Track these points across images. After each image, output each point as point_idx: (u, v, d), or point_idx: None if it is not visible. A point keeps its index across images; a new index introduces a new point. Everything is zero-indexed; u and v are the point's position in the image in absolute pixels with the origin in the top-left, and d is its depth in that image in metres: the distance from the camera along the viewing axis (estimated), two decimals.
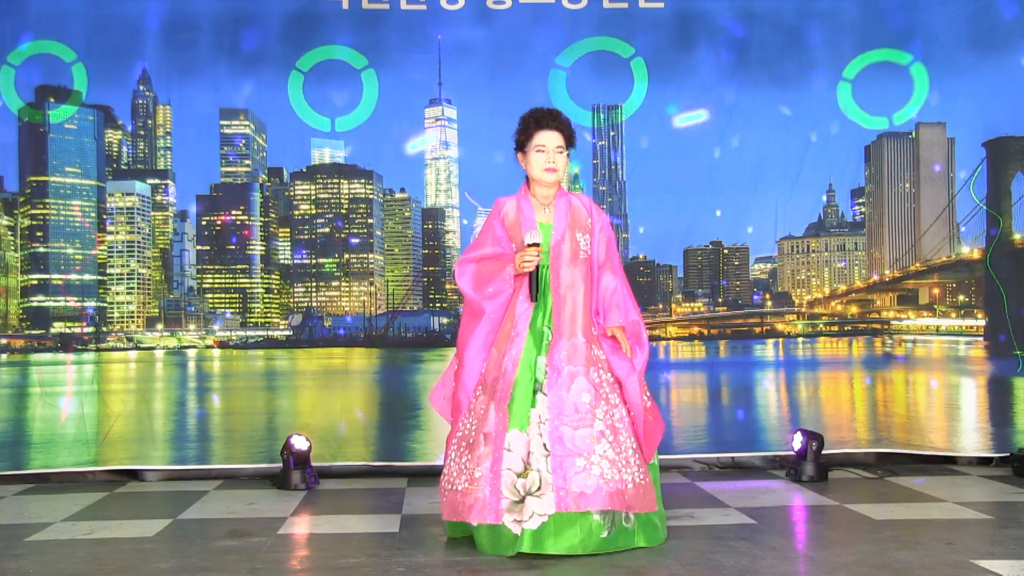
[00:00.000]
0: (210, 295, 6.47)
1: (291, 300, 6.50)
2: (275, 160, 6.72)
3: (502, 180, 5.89)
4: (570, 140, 3.77)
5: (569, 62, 5.80)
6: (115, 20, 5.70)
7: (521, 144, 3.78)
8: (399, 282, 6.68)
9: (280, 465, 5.20)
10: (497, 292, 3.70)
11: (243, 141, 6.48)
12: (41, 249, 6.15)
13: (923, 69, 5.84)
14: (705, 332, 6.63)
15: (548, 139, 3.72)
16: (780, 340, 6.47)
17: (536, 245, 3.63)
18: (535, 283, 3.66)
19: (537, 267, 3.66)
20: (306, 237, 6.61)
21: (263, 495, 4.96)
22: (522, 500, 3.48)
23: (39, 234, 6.17)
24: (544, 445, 3.51)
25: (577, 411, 3.54)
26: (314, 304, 6.44)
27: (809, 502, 4.67)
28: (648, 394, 3.76)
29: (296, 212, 6.63)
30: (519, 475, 3.50)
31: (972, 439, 5.91)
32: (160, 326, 6.42)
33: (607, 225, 3.85)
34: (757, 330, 6.55)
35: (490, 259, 3.74)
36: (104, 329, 6.23)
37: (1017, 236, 6.18)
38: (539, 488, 3.47)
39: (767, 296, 6.71)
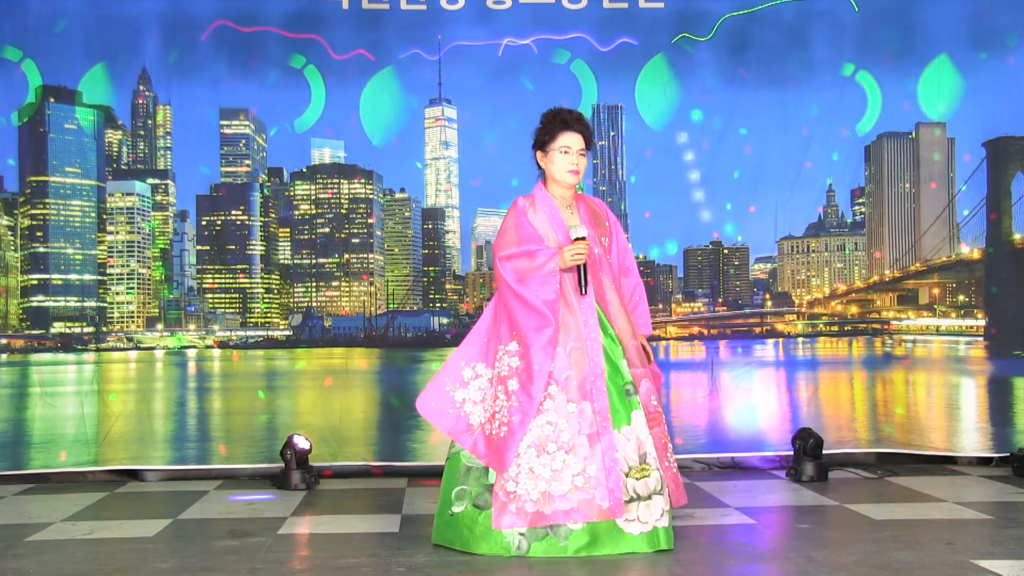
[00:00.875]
0: (210, 295, 6.47)
1: (291, 300, 6.50)
2: (275, 160, 6.72)
3: (502, 180, 5.92)
4: (590, 143, 3.78)
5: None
6: (115, 20, 5.70)
7: (543, 144, 3.74)
8: (399, 282, 6.68)
9: (280, 465, 5.19)
10: (550, 290, 3.60)
11: (243, 141, 6.48)
12: (41, 249, 6.15)
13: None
14: (705, 332, 6.63)
15: (573, 141, 3.71)
16: (780, 340, 6.47)
17: (582, 239, 3.62)
18: (584, 277, 3.64)
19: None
20: (306, 237, 6.61)
21: (263, 495, 4.96)
22: (645, 498, 3.51)
23: (39, 234, 6.17)
24: (652, 446, 3.59)
25: (649, 412, 3.66)
26: (314, 304, 6.44)
27: (809, 502, 4.67)
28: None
29: (296, 212, 6.63)
30: (628, 475, 3.52)
31: (972, 439, 5.91)
32: (160, 326, 6.42)
33: (619, 225, 3.91)
34: (757, 330, 6.55)
35: (529, 255, 3.64)
36: (104, 329, 6.23)
37: (1017, 236, 6.18)
38: (662, 487, 3.55)
39: (767, 296, 6.71)
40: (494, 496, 3.53)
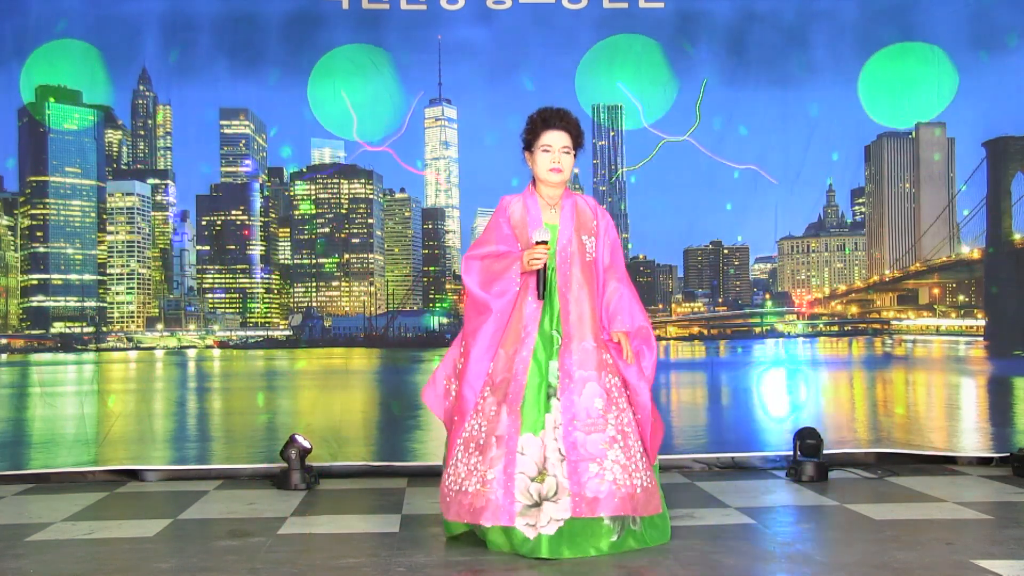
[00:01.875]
0: (210, 295, 6.47)
1: (291, 300, 6.50)
2: (275, 160, 6.72)
3: (501, 179, 5.92)
4: (577, 140, 3.74)
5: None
6: (115, 20, 5.70)
7: (528, 143, 3.76)
8: (399, 282, 6.68)
9: (280, 465, 5.19)
10: (504, 291, 3.68)
11: (243, 141, 6.48)
12: (41, 249, 6.15)
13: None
14: (705, 332, 6.63)
15: (554, 139, 3.70)
16: (780, 340, 6.47)
17: (544, 243, 3.61)
18: (542, 282, 3.64)
19: (545, 266, 3.64)
20: (306, 237, 6.61)
21: (263, 495, 4.96)
22: (537, 505, 3.48)
23: (39, 234, 6.17)
24: (559, 450, 3.51)
25: (589, 416, 3.54)
26: (314, 304, 6.44)
27: (809, 502, 4.67)
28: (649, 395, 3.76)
29: (296, 212, 6.63)
30: (533, 479, 3.49)
31: (972, 439, 5.91)
32: (160, 326, 6.42)
33: (612, 228, 3.83)
34: (757, 330, 6.56)
35: (496, 256, 3.72)
36: (104, 329, 6.23)
37: (1017, 236, 6.18)
38: (556, 493, 3.47)
39: (767, 296, 6.71)
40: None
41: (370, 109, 5.85)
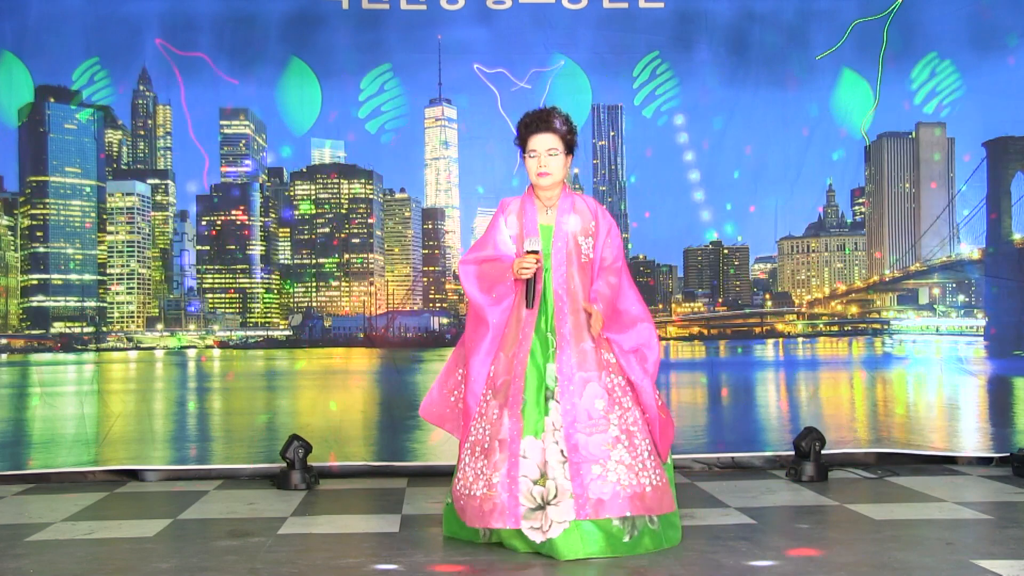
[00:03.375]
0: (210, 295, 6.47)
1: (291, 300, 6.50)
2: (275, 160, 6.71)
3: (501, 179, 5.93)
4: (566, 138, 3.70)
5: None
6: (115, 20, 5.70)
7: (522, 149, 3.76)
8: (399, 282, 6.67)
9: (280, 465, 5.19)
10: (501, 297, 3.68)
11: (243, 141, 6.48)
12: (41, 249, 6.15)
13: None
14: (705, 332, 6.63)
15: (538, 143, 3.68)
16: (780, 340, 6.47)
17: (535, 252, 3.60)
18: (532, 290, 3.63)
19: (535, 273, 3.62)
20: (306, 237, 6.61)
21: (263, 495, 4.96)
22: (540, 508, 3.48)
23: (39, 234, 6.17)
24: (561, 452, 3.50)
25: (591, 417, 3.52)
26: (314, 304, 6.44)
27: (809, 502, 4.67)
28: (658, 393, 3.75)
29: (296, 212, 6.63)
30: (535, 482, 3.50)
31: (972, 439, 5.91)
32: (160, 326, 6.42)
33: (613, 228, 3.79)
34: (757, 330, 6.55)
35: (492, 260, 3.72)
36: (104, 329, 6.23)
37: (1017, 236, 6.18)
38: (556, 496, 3.47)
39: (767, 296, 6.71)
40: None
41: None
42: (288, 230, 6.65)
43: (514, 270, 3.63)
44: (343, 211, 6.64)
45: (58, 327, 6.11)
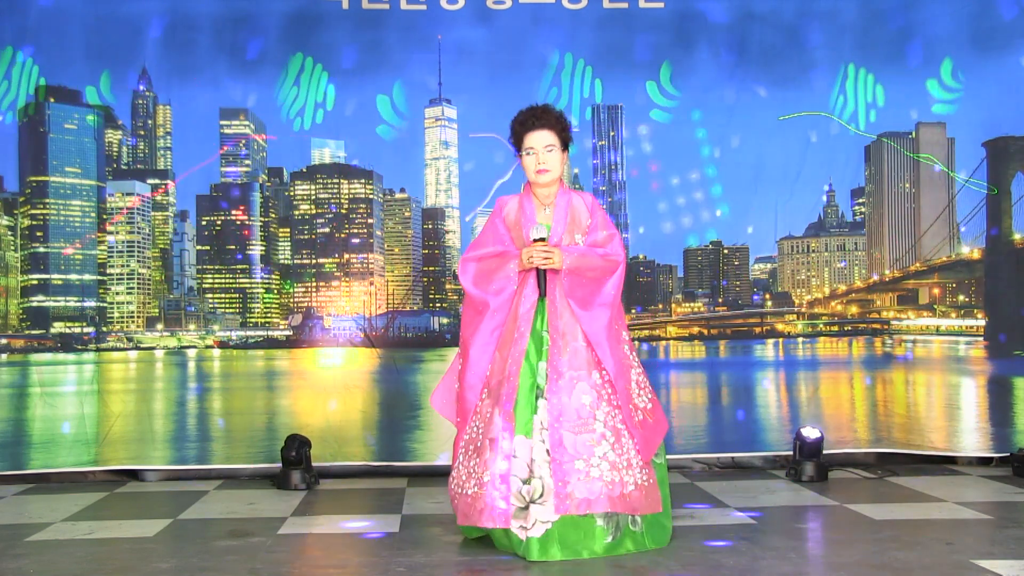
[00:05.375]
0: (210, 295, 6.47)
1: (291, 300, 6.50)
2: (275, 160, 6.72)
3: (501, 178, 5.92)
4: (562, 134, 3.71)
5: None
6: (115, 20, 5.70)
7: (517, 148, 3.77)
8: (399, 282, 6.68)
9: (280, 465, 5.19)
10: (500, 289, 3.68)
11: (243, 141, 6.48)
12: (41, 249, 6.15)
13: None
14: (705, 332, 6.63)
15: (535, 140, 3.68)
16: (780, 340, 6.47)
17: (542, 240, 3.62)
18: (543, 278, 3.64)
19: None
20: (306, 237, 6.61)
21: (263, 495, 4.96)
22: (527, 507, 3.47)
23: (39, 234, 6.17)
24: (546, 451, 3.49)
25: (579, 416, 3.51)
26: (314, 304, 6.44)
27: (809, 502, 4.67)
28: (652, 395, 3.73)
29: (296, 212, 6.63)
30: (524, 482, 3.49)
31: (972, 439, 5.91)
32: (160, 326, 6.42)
33: (610, 225, 3.78)
34: (757, 330, 6.55)
35: (492, 257, 3.73)
36: (104, 329, 6.23)
37: (1017, 236, 6.18)
38: (542, 495, 3.46)
39: (767, 296, 6.71)
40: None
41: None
42: (288, 230, 6.65)
43: (523, 260, 3.62)
44: (343, 211, 6.64)
45: (58, 327, 6.11)
